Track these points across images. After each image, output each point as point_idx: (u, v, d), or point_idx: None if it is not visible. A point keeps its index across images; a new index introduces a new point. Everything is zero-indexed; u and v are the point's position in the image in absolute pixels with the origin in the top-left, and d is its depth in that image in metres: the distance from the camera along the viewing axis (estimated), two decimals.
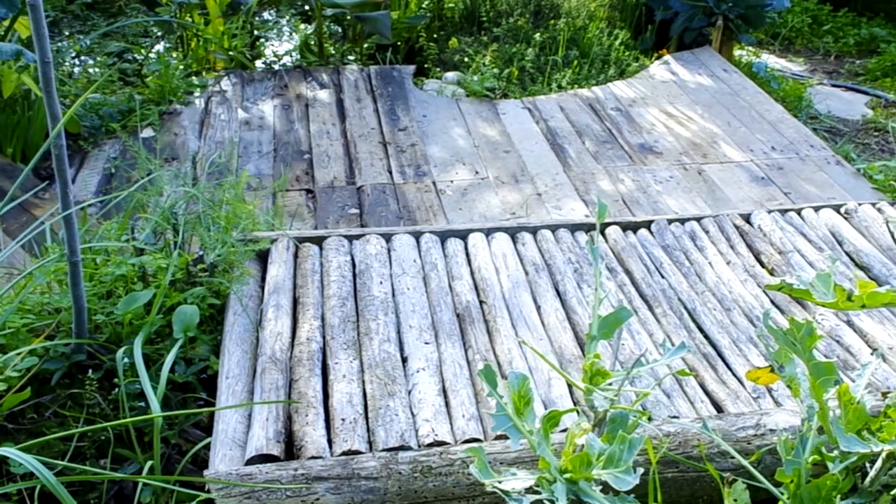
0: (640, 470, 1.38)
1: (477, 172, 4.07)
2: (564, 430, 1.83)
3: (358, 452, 1.92)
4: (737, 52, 5.90)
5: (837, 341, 2.36)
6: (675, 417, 2.05)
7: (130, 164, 3.83)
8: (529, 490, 1.45)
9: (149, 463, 2.01)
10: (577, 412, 2.10)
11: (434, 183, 3.97)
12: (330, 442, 1.98)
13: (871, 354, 1.77)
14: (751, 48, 6.04)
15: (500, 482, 1.44)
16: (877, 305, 1.51)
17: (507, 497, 1.39)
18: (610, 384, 1.59)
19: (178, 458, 2.13)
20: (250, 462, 1.91)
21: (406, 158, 4.18)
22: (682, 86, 5.09)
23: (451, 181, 3.99)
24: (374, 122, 4.53)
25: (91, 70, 4.96)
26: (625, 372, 1.50)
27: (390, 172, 4.05)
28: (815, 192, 3.97)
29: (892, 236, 2.71)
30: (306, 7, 6.13)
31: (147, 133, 4.30)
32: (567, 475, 1.44)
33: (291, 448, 1.98)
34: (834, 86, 5.73)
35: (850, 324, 2.43)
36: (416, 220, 3.65)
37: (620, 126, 4.58)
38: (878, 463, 1.64)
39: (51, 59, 1.80)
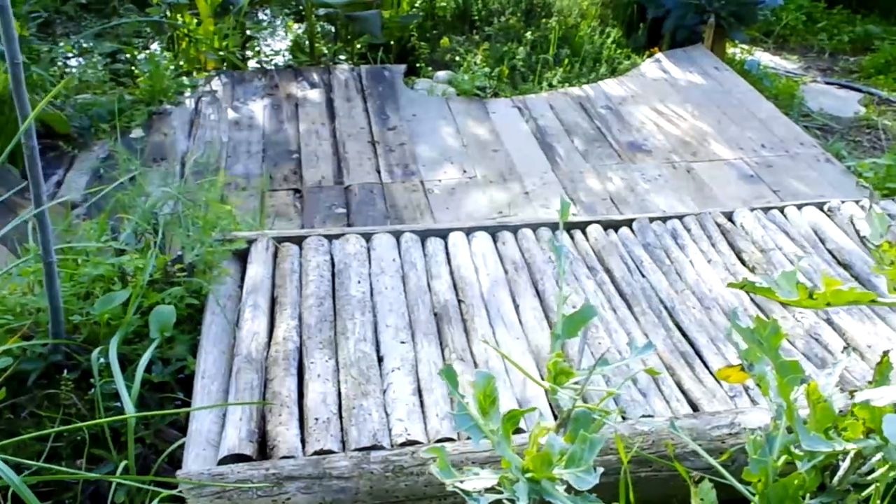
0: (601, 469, 1.38)
1: (465, 171, 4.07)
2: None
3: (330, 452, 1.92)
4: (731, 50, 5.88)
5: (816, 339, 2.35)
6: (649, 416, 2.05)
7: (116, 166, 3.83)
8: (492, 490, 1.45)
9: (123, 463, 2.02)
10: (553, 410, 2.11)
11: (422, 182, 3.96)
12: (303, 442, 1.98)
13: (842, 352, 1.77)
14: (744, 46, 6.02)
15: (461, 482, 1.43)
16: (842, 303, 1.50)
17: (466, 497, 1.39)
18: (576, 383, 1.58)
19: (154, 458, 2.14)
20: (223, 462, 1.91)
21: (395, 158, 4.18)
22: (673, 84, 5.08)
23: (440, 180, 3.99)
24: (363, 122, 4.53)
25: (83, 71, 4.97)
26: (588, 371, 1.49)
27: (378, 172, 4.05)
28: (804, 190, 3.96)
29: (859, 234, 2.70)
30: (300, 7, 6.13)
31: (136, 133, 4.31)
32: (529, 475, 1.43)
33: (265, 448, 1.98)
34: (827, 83, 5.71)
35: (829, 322, 2.42)
36: (404, 220, 3.65)
37: (610, 124, 4.57)
38: (846, 462, 1.64)
39: (20, 61, 1.80)
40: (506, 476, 1.45)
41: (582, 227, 2.85)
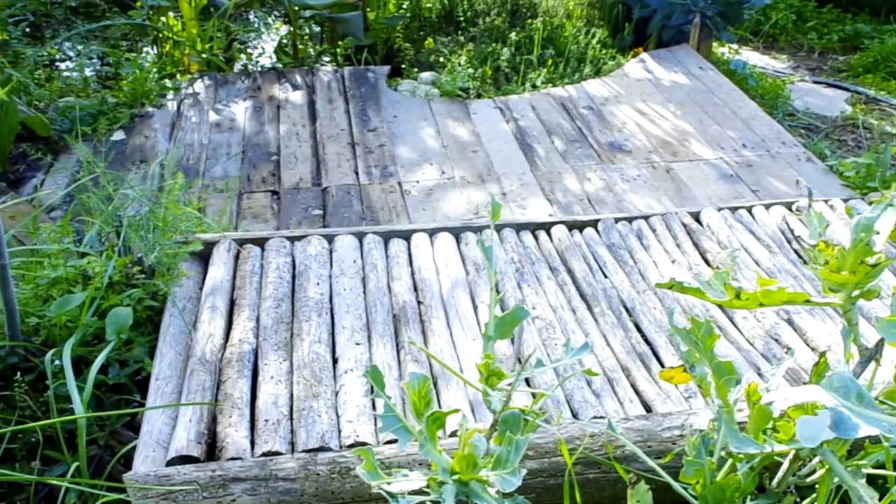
0: (524, 471, 1.37)
1: (443, 172, 4.06)
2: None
3: (278, 454, 1.92)
4: (719, 50, 5.86)
5: (776, 340, 2.34)
6: (600, 417, 2.04)
7: (94, 169, 3.84)
8: (421, 492, 1.44)
9: (75, 464, 2.02)
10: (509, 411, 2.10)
11: (400, 183, 3.96)
12: (253, 443, 1.98)
13: (786, 353, 1.76)
14: (733, 46, 5.99)
15: (388, 483, 1.43)
16: (775, 304, 1.49)
17: (391, 498, 1.39)
18: (515, 383, 1.58)
19: (109, 460, 2.15)
20: (171, 463, 1.91)
21: (373, 159, 4.18)
22: (656, 84, 5.07)
23: (417, 181, 3.99)
24: (344, 123, 4.53)
25: (67, 74, 4.99)
26: (517, 373, 1.49)
27: (357, 173, 4.05)
28: (784, 190, 3.94)
29: (793, 233, 2.69)
30: (286, 9, 6.14)
31: (117, 136, 4.32)
32: (456, 476, 1.43)
33: (215, 450, 1.98)
34: (815, 82, 5.69)
35: (789, 322, 2.41)
36: (379, 221, 3.64)
37: (591, 125, 4.56)
38: (785, 464, 1.63)
39: None
40: (433, 478, 1.45)
41: (546, 227, 2.84)
